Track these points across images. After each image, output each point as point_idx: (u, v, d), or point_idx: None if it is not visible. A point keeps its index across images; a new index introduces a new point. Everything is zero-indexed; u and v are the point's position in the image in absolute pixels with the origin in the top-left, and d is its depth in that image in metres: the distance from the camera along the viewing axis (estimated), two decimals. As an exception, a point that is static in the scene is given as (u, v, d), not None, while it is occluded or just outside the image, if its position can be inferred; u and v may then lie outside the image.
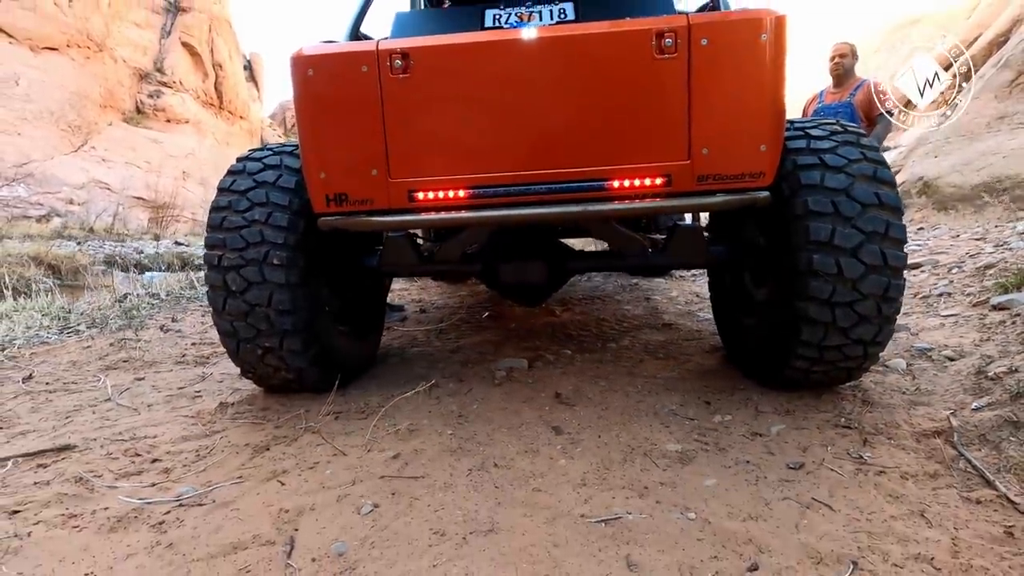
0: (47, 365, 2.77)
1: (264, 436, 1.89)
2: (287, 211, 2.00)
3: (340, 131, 1.82)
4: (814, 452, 1.69)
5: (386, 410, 2.08)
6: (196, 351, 3.02)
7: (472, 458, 1.71)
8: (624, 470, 1.62)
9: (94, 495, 1.48)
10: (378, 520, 1.36)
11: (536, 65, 1.76)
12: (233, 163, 2.15)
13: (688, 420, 1.97)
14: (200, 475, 1.62)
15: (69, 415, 2.14)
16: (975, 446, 1.63)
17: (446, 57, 1.77)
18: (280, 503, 1.44)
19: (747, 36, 1.70)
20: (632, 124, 1.77)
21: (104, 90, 31.15)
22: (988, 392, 1.93)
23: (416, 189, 1.84)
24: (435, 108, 1.80)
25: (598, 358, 2.71)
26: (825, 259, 1.78)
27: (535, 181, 1.82)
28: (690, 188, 1.78)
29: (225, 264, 1.96)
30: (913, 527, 1.30)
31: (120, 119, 33.16)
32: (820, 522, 1.34)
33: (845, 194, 1.80)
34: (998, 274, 3.51)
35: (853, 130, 1.99)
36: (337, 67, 1.79)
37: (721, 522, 1.34)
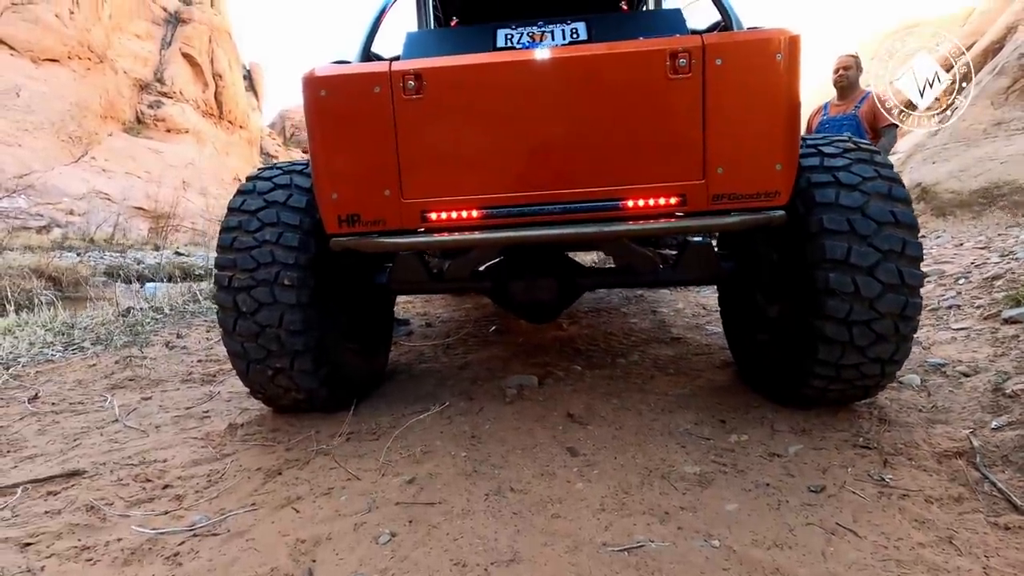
0: (53, 384, 2.75)
1: (275, 460, 1.86)
2: (298, 231, 1.98)
3: (352, 151, 1.81)
4: (834, 474, 1.67)
5: (398, 432, 2.06)
6: (202, 368, 2.99)
7: (488, 482, 1.68)
8: (643, 494, 1.60)
9: (106, 525, 1.46)
10: (396, 551, 1.34)
11: (549, 85, 1.75)
12: (243, 182, 2.14)
13: (704, 440, 1.94)
14: (213, 502, 1.60)
15: (77, 437, 2.11)
16: (998, 467, 1.61)
17: (459, 78, 1.76)
18: (296, 532, 1.41)
19: (762, 56, 1.69)
20: (646, 144, 1.76)
21: (104, 101, 31.28)
22: (1007, 410, 1.91)
23: (429, 209, 1.83)
24: (448, 129, 1.79)
25: (608, 374, 2.69)
26: (842, 278, 1.77)
27: (549, 201, 1.81)
28: (705, 208, 1.77)
29: (236, 285, 1.95)
30: (943, 555, 1.28)
31: (120, 129, 33.28)
32: (847, 549, 1.32)
33: (860, 212, 1.79)
34: (1007, 285, 3.50)
35: (866, 147, 1.99)
36: (350, 88, 1.78)
37: (746, 550, 1.32)
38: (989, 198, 13.75)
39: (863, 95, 3.89)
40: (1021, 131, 27.45)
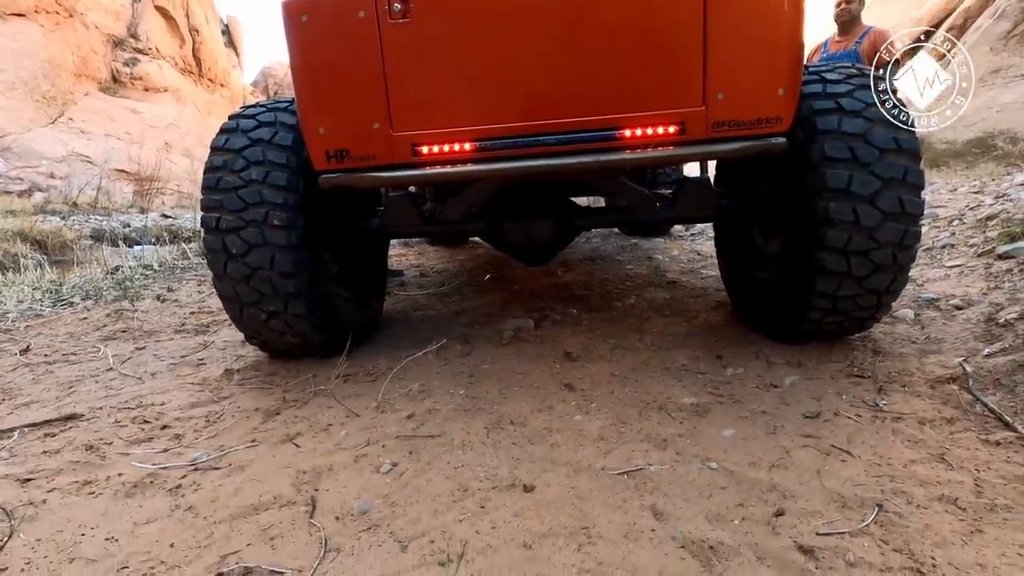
0: (43, 337, 2.72)
1: (274, 401, 1.86)
2: (285, 169, 1.92)
3: (338, 82, 1.73)
4: (829, 401, 1.69)
5: (395, 372, 2.06)
6: (195, 320, 2.97)
7: (487, 416, 1.69)
8: (641, 424, 1.62)
9: (106, 462, 1.46)
10: (398, 478, 1.35)
11: (543, 6, 1.67)
12: (226, 121, 2.06)
13: (700, 374, 1.96)
14: (212, 440, 1.60)
15: (72, 385, 2.10)
16: (990, 391, 1.63)
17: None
18: (297, 464, 1.42)
19: (765, -30, 1.61)
20: (644, 69, 1.70)
21: (77, 58, 30.08)
22: (1000, 338, 1.93)
23: (420, 143, 1.77)
24: (437, 55, 1.71)
25: (605, 316, 2.68)
26: (842, 207, 1.75)
27: (543, 132, 1.75)
28: (704, 136, 1.72)
29: (224, 226, 1.90)
30: (935, 470, 1.30)
31: (96, 88, 32.16)
32: (841, 468, 1.34)
33: (863, 139, 1.75)
34: (1001, 224, 3.49)
35: (869, 73, 1.92)
36: (332, 12, 1.69)
37: (744, 471, 1.34)
38: (983, 148, 13.64)
39: (864, 31, 3.76)
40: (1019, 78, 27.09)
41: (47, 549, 1.11)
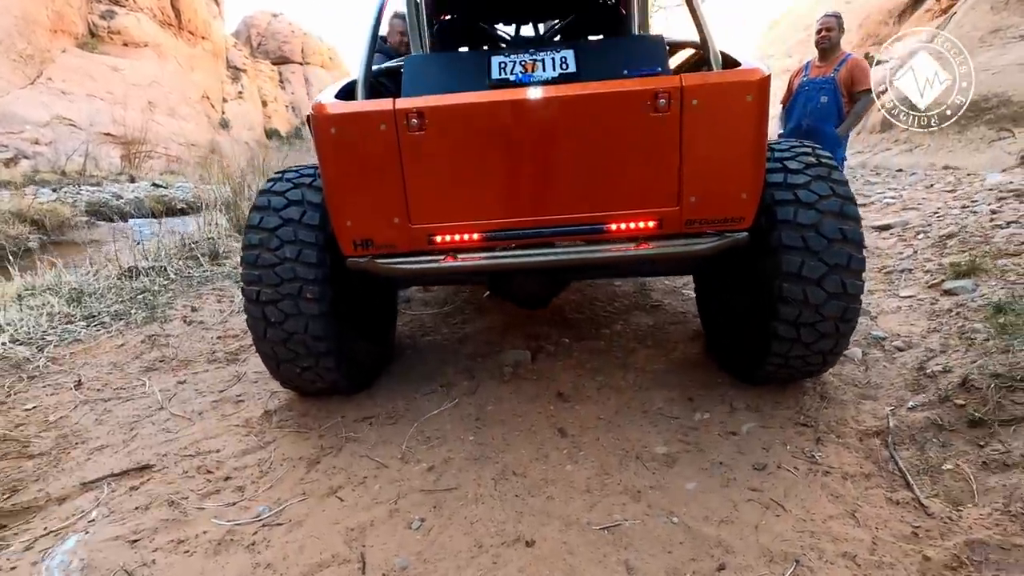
0: (90, 368, 3.02)
1: (312, 448, 2.20)
2: (315, 248, 2.19)
3: (363, 183, 1.99)
4: (776, 452, 2.05)
5: (410, 415, 2.40)
6: (223, 346, 3.27)
7: (493, 466, 2.04)
8: (620, 474, 1.98)
9: (188, 518, 1.80)
10: (427, 535, 1.71)
11: (540, 121, 1.92)
12: (259, 197, 2.31)
13: (673, 419, 2.31)
14: (268, 492, 1.94)
15: (132, 427, 2.42)
16: (905, 446, 2.00)
17: (457, 115, 1.92)
18: (344, 520, 1.77)
19: (734, 97, 1.87)
20: (628, 174, 1.97)
21: (52, 12, 28.98)
22: (924, 390, 2.29)
23: (434, 233, 2.05)
24: (449, 160, 1.97)
25: (593, 347, 3.02)
26: (794, 288, 2.06)
27: (541, 226, 2.03)
28: (679, 231, 2.01)
29: (263, 299, 2.19)
30: (845, 527, 1.67)
31: (74, 44, 31.09)
32: (775, 523, 1.71)
33: (815, 230, 2.05)
34: (957, 247, 3.83)
35: (826, 162, 2.20)
36: (358, 125, 1.93)
37: (699, 526, 1.71)
38: (976, 111, 13.73)
39: (843, 58, 3.97)
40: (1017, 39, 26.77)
41: (168, 606, 1.46)
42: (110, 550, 1.63)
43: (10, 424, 2.45)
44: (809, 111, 3.94)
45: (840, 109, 3.86)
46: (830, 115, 3.86)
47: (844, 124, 3.87)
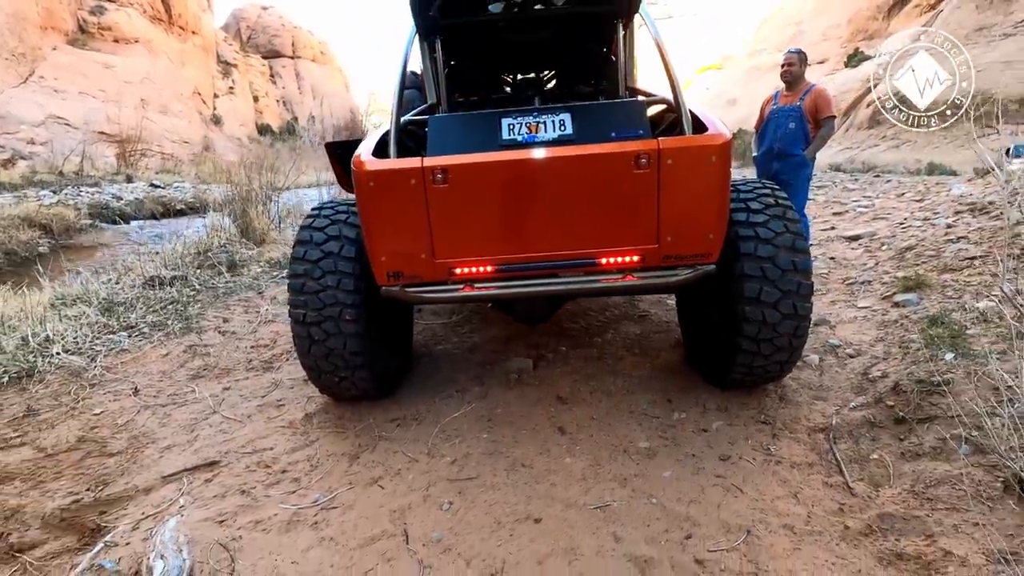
0: (142, 376, 3.41)
1: (351, 445, 2.61)
2: (352, 277, 2.60)
3: (396, 226, 2.39)
4: (739, 446, 2.49)
5: (432, 417, 2.81)
6: (258, 355, 3.67)
7: (505, 459, 2.46)
8: (610, 465, 2.40)
9: (259, 504, 2.21)
10: (455, 514, 2.13)
11: (545, 175, 2.33)
12: (301, 232, 2.71)
13: (655, 418, 2.74)
14: (320, 482, 2.35)
15: (192, 428, 2.82)
16: (844, 440, 2.44)
17: (476, 172, 2.32)
18: (387, 504, 2.19)
19: (701, 158, 2.28)
20: (615, 217, 2.38)
21: (42, 8, 28.91)
22: (865, 392, 2.73)
23: (454, 266, 2.45)
24: (468, 207, 2.37)
25: (587, 354, 3.44)
26: (754, 310, 2.49)
27: (543, 260, 2.44)
28: (657, 264, 2.43)
29: (309, 320, 2.59)
30: (788, 505, 2.11)
31: (64, 41, 31.03)
32: (733, 503, 2.14)
33: (771, 262, 2.48)
34: (913, 260, 4.28)
35: (783, 202, 2.62)
36: (392, 180, 2.33)
37: (673, 506, 2.13)
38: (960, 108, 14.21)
39: (807, 88, 4.39)
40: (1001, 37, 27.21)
41: (260, 571, 1.87)
42: (204, 529, 2.04)
43: (86, 427, 2.84)
44: (779, 136, 4.36)
45: (807, 133, 4.30)
46: (798, 139, 4.29)
47: (811, 147, 4.30)
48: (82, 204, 13.99)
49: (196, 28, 44.58)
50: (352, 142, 5.67)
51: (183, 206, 16.60)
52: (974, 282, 3.42)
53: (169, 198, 17.01)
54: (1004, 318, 2.78)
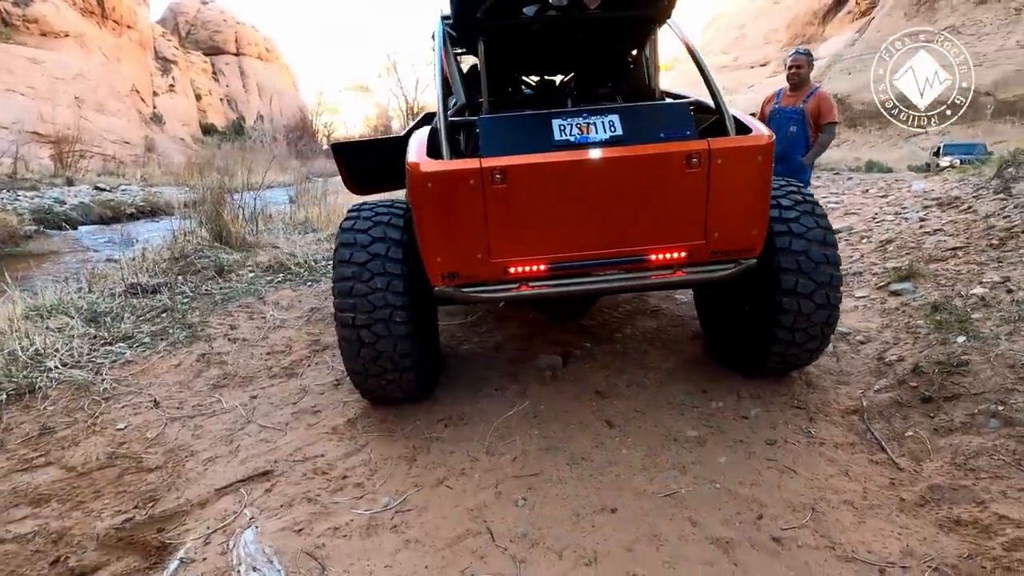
0: (158, 387, 3.26)
1: (404, 448, 2.60)
2: (401, 279, 2.58)
3: (453, 226, 2.40)
4: (781, 430, 2.62)
5: (478, 415, 2.83)
6: (276, 362, 3.57)
7: (563, 454, 2.51)
8: (666, 454, 2.49)
9: (330, 511, 2.17)
10: (532, 509, 2.16)
11: (600, 174, 2.39)
12: (343, 234, 2.66)
13: (695, 408, 2.85)
14: (385, 486, 2.33)
15: (230, 439, 2.73)
16: (876, 420, 2.61)
17: (534, 172, 2.36)
18: (462, 503, 2.20)
19: (748, 157, 2.40)
20: (666, 215, 2.47)
21: (-41, -1, 26.84)
22: (885, 375, 2.93)
23: (509, 265, 2.48)
24: (524, 206, 2.40)
25: (611, 349, 3.53)
26: (790, 301, 2.63)
27: (595, 258, 2.51)
28: (703, 259, 2.54)
29: (358, 323, 2.55)
30: (842, 482, 2.25)
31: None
32: (791, 483, 2.27)
33: (805, 255, 2.62)
34: (896, 252, 4.58)
35: (809, 199, 2.78)
36: (451, 181, 2.34)
37: (737, 488, 2.24)
38: (895, 110, 15.20)
39: (811, 90, 4.55)
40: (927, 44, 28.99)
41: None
42: (284, 539, 2.00)
43: (113, 442, 2.71)
44: (780, 139, 4.52)
45: (807, 138, 4.42)
46: (798, 143, 4.41)
47: (810, 153, 4.44)
48: (23, 209, 13.07)
49: (131, 22, 42.35)
50: (358, 143, 5.61)
51: (133, 210, 15.79)
52: (963, 271, 3.71)
53: (117, 202, 16.14)
54: (1002, 303, 3.04)
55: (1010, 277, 3.36)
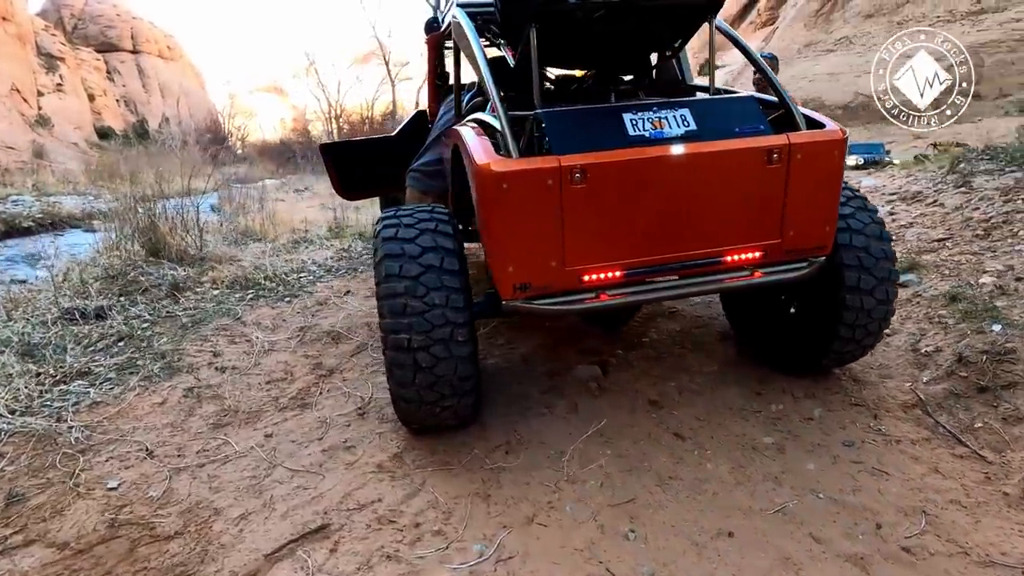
0: (144, 432, 2.75)
1: (471, 483, 2.31)
2: (460, 292, 2.30)
3: (527, 232, 2.15)
4: (852, 430, 2.57)
5: (537, 438, 2.59)
6: (280, 392, 3.13)
7: (648, 475, 2.33)
8: (753, 466, 2.37)
9: (419, 568, 1.86)
10: (646, 542, 1.96)
11: (682, 171, 2.23)
12: (389, 245, 2.34)
13: (757, 412, 2.75)
14: (468, 531, 2.04)
15: (257, 489, 2.32)
16: (940, 413, 2.63)
17: (617, 170, 2.16)
18: (568, 543, 1.95)
19: (826, 151, 2.33)
20: (743, 213, 2.35)
21: None
22: (927, 367, 2.97)
23: (583, 273, 2.26)
24: (601, 208, 2.20)
25: (644, 355, 3.38)
26: (853, 298, 2.59)
27: (670, 261, 2.34)
28: (778, 259, 2.44)
29: (415, 346, 2.24)
30: (938, 480, 2.22)
31: None
32: (889, 486, 2.21)
33: (865, 251, 2.59)
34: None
35: (859, 195, 2.77)
36: (528, 181, 2.09)
37: (842, 497, 2.15)
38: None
39: None
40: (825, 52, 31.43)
41: (480, 650, 1.56)
42: (383, 611, 1.67)
43: (110, 507, 2.22)
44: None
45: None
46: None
47: None
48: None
49: (7, 14, 38.00)
50: (349, 144, 5.13)
51: (31, 223, 13.99)
52: (962, 261, 3.90)
53: (11, 214, 14.27)
54: (1019, 290, 3.19)
55: (1013, 265, 3.55)
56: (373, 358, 3.49)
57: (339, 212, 9.30)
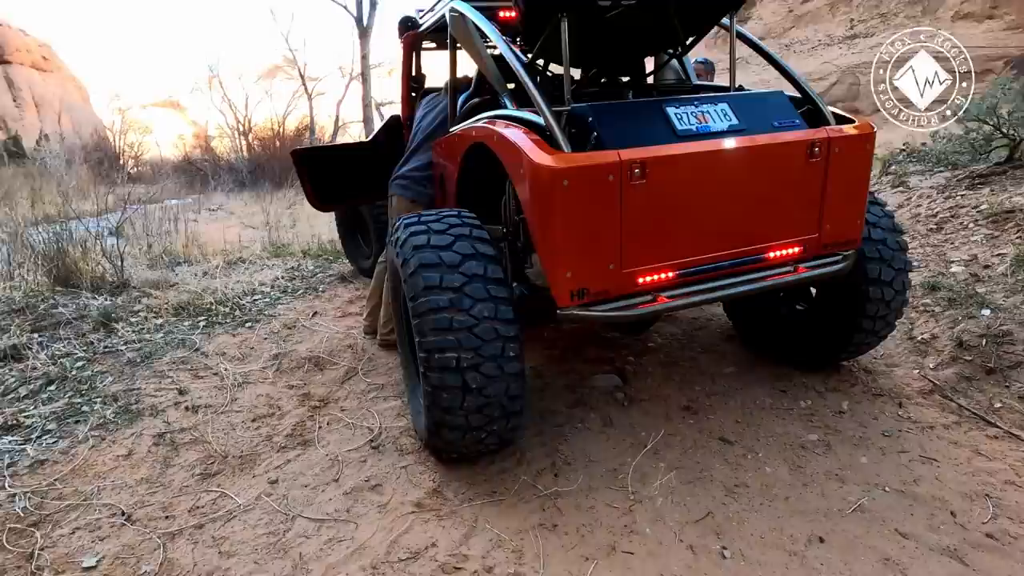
0: (113, 492, 2.27)
1: (529, 514, 2.07)
2: (509, 303, 2.08)
3: (586, 233, 1.98)
4: (884, 421, 2.60)
5: (582, 456, 2.40)
6: (271, 429, 2.73)
7: (713, 486, 2.20)
8: (808, 464, 2.31)
9: (512, 622, 1.61)
10: (743, 560, 1.82)
11: (736, 166, 2.17)
12: (423, 254, 2.08)
13: (790, 410, 2.73)
14: (551, 569, 1.81)
15: (280, 549, 1.95)
16: (958, 397, 2.72)
17: (676, 165, 2.04)
18: (665, 570, 1.78)
19: (862, 146, 2.35)
20: (786, 208, 2.32)
21: None
22: (928, 354, 3.10)
23: (638, 275, 2.12)
24: (658, 205, 2.07)
25: (656, 360, 3.30)
26: (875, 290, 2.63)
27: (719, 260, 2.26)
28: (816, 253, 2.43)
29: (464, 364, 1.99)
30: (984, 463, 2.27)
31: None
32: (943, 473, 2.22)
33: (884, 244, 2.65)
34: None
35: (872, 191, 2.84)
36: (590, 178, 1.92)
37: (910, 489, 2.13)
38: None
39: None
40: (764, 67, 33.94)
41: None
42: None
43: (95, 593, 1.77)
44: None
45: None
46: None
47: None
48: None
49: None
50: (323, 150, 4.69)
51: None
52: (927, 253, 4.16)
53: None
54: (993, 277, 3.42)
55: (976, 255, 3.83)
56: (368, 384, 3.16)
57: (272, 231, 8.66)
